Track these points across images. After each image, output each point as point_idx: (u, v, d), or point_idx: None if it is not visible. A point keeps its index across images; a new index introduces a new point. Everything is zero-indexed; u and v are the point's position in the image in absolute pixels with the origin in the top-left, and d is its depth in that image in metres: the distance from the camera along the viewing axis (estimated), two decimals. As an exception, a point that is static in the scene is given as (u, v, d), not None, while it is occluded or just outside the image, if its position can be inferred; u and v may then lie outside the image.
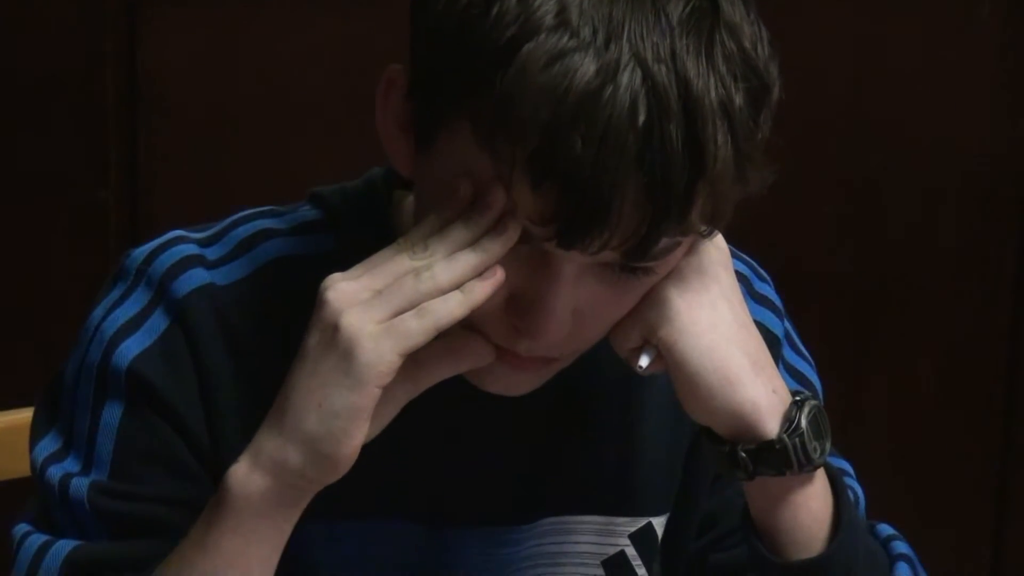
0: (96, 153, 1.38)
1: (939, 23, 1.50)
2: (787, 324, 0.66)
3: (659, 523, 0.63)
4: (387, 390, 0.49)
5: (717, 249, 0.55)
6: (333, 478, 0.50)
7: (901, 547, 0.61)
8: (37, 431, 0.60)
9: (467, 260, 0.48)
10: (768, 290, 0.65)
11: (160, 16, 1.37)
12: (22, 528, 0.57)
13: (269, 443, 0.50)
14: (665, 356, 0.53)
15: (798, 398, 0.55)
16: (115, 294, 0.59)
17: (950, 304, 1.55)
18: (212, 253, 0.59)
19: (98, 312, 0.58)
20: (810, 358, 0.67)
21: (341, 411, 0.48)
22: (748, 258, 0.65)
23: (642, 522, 0.63)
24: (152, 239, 0.60)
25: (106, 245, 1.37)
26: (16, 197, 1.37)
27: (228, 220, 0.61)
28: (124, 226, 1.38)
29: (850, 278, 1.54)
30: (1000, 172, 1.53)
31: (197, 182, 1.39)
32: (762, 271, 0.66)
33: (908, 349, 1.55)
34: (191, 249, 0.58)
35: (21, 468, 0.65)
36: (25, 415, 0.68)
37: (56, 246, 1.39)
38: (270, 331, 0.57)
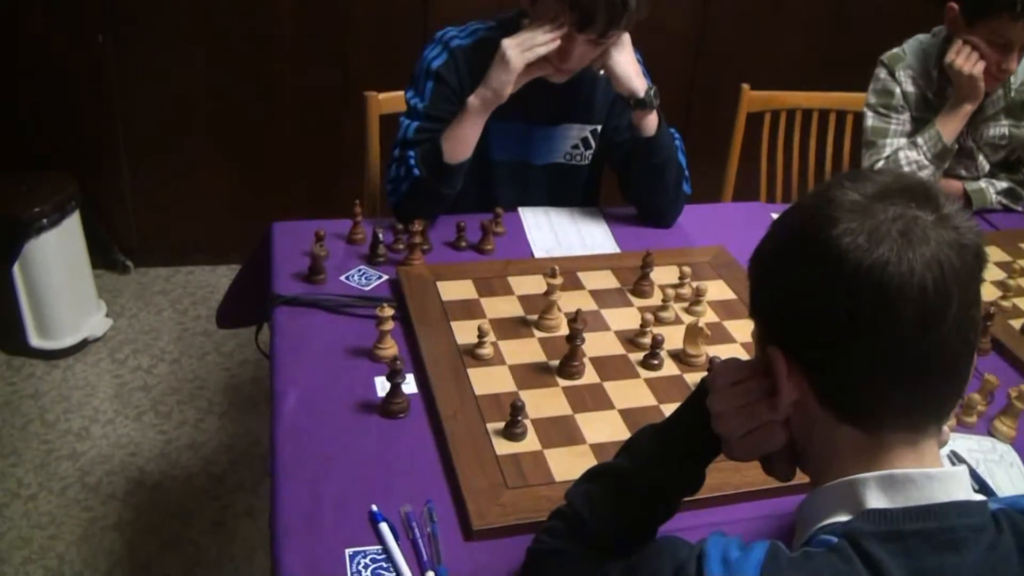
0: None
1: None
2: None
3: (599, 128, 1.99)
4: (517, 78, 1.74)
5: (626, 35, 1.80)
6: (499, 103, 1.78)
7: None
8: (407, 87, 1.92)
9: (548, 34, 1.72)
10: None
11: None
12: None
13: (479, 89, 1.77)
14: (609, 70, 1.81)
15: (651, 86, 1.83)
16: (433, 46, 1.90)
17: None
18: (461, 34, 1.88)
19: (426, 51, 1.90)
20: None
21: (504, 80, 1.74)
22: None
23: (592, 126, 1.98)
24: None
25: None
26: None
27: (468, 26, 1.90)
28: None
29: None
30: None
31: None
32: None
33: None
34: (454, 32, 1.89)
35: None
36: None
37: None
38: (483, 60, 1.78)
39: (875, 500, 0.81)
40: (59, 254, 2.80)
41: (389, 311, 1.47)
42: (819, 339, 0.82)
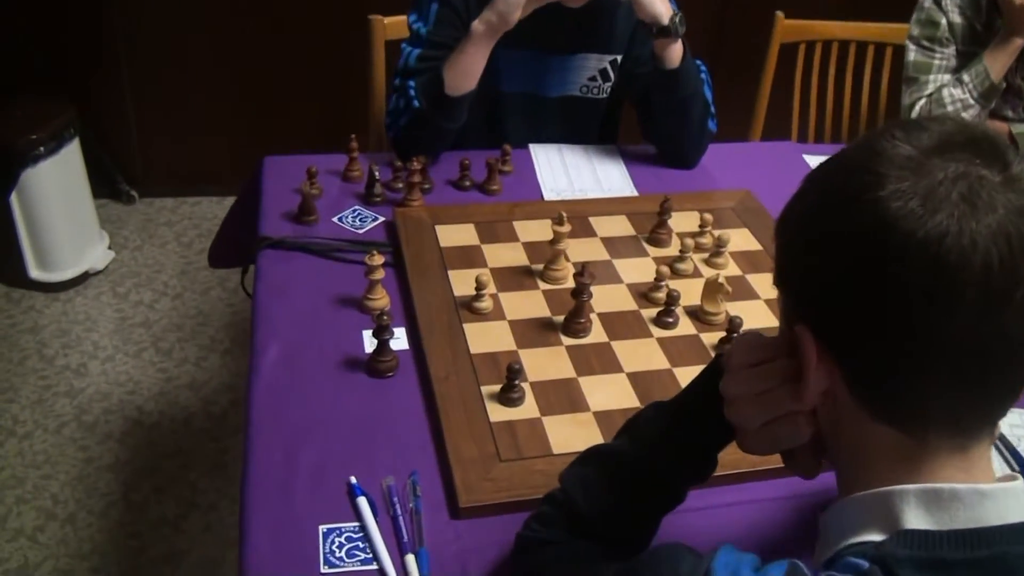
0: None
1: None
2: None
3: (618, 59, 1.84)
4: (527, 2, 1.60)
5: None
6: (506, 28, 1.61)
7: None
8: (411, 11, 1.77)
9: None
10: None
11: None
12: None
13: (484, 13, 1.61)
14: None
15: (676, 12, 1.65)
16: None
17: None
18: None
19: None
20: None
21: (511, 2, 1.58)
22: None
23: (611, 56, 1.83)
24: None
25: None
26: None
27: None
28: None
29: None
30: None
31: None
32: None
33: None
34: None
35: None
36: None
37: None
38: None
39: (915, 519, 0.67)
40: (58, 184, 2.68)
41: (379, 259, 1.34)
42: (857, 320, 0.68)
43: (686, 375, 1.27)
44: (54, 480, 2.16)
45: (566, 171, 1.79)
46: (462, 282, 1.41)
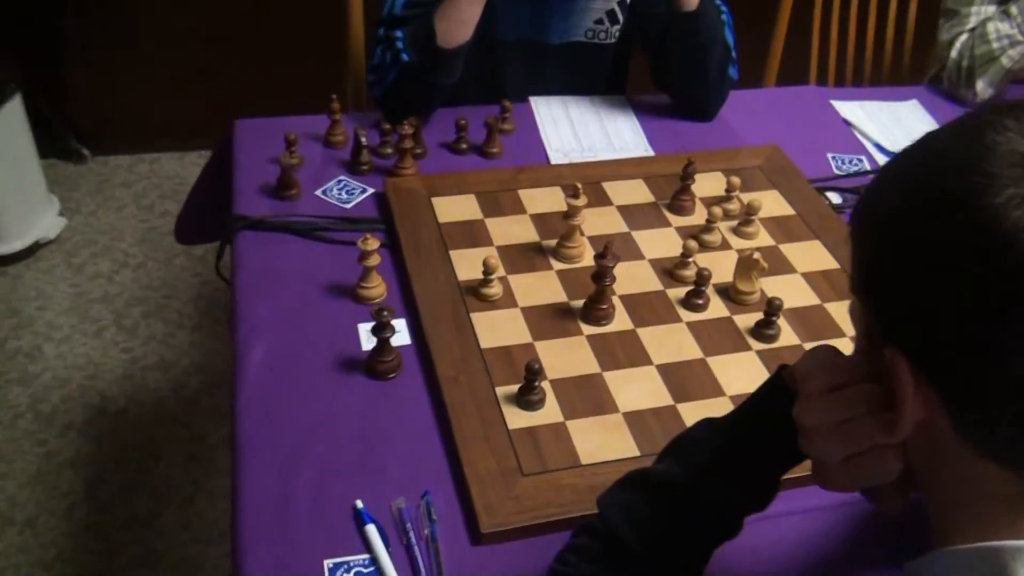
0: None
1: None
2: None
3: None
4: None
5: None
6: None
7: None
8: None
9: None
10: None
11: None
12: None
13: None
14: None
15: None
16: None
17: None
18: None
19: None
20: None
21: None
22: None
23: None
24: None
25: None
26: None
27: None
28: None
29: None
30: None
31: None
32: None
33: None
34: None
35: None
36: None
37: None
38: None
39: None
40: (-2, 146, 2.57)
41: (374, 243, 1.27)
42: (964, 342, 0.62)
43: (721, 365, 1.22)
44: (10, 480, 2.10)
45: (572, 128, 1.71)
46: (466, 264, 1.34)
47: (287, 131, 1.53)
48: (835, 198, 1.57)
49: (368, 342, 1.22)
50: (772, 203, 1.51)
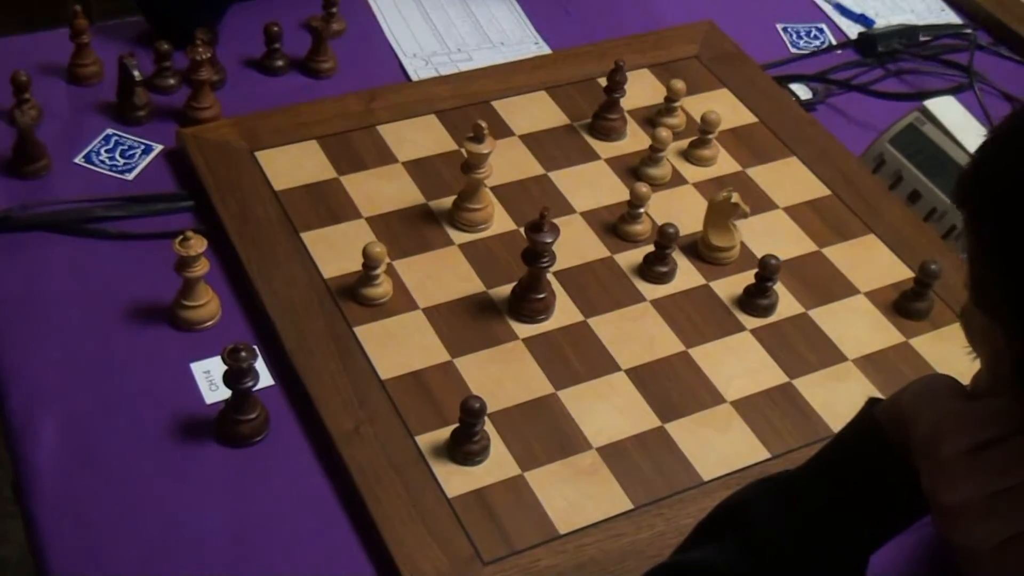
0: None
1: None
2: None
3: None
4: None
5: None
6: None
7: None
8: None
9: None
10: None
11: None
12: None
13: None
14: None
15: None
16: None
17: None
18: None
19: None
20: None
21: None
22: None
23: None
24: None
25: None
26: None
27: None
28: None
29: None
30: None
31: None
32: None
33: None
34: None
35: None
36: None
37: None
38: None
39: None
40: None
41: (199, 245, 1.09)
42: None
43: (710, 358, 1.16)
44: None
45: (427, 19, 1.58)
46: (329, 250, 1.20)
47: (14, 71, 1.31)
48: (802, 92, 1.50)
49: (211, 391, 1.07)
50: (724, 108, 1.43)
